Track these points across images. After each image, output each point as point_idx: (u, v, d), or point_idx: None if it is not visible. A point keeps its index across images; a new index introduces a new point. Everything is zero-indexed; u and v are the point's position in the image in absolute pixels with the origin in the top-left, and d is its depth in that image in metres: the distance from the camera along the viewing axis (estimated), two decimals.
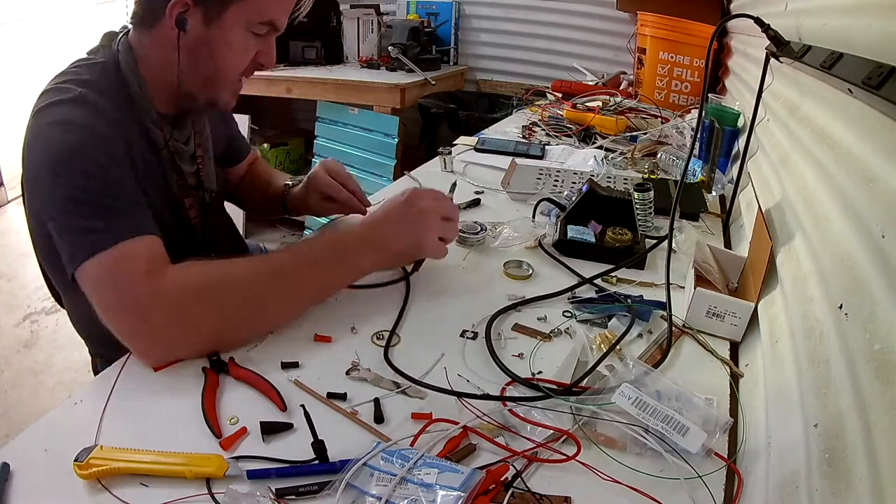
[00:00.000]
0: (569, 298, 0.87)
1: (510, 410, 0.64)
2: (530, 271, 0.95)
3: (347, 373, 0.70)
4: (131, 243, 0.69)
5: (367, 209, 1.05)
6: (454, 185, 1.18)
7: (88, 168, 0.71)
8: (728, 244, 1.11)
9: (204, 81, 0.85)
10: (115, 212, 0.71)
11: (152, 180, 0.84)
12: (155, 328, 0.68)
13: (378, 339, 0.77)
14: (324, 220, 1.13)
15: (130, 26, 0.85)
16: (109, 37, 0.87)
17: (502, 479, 0.55)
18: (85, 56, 0.86)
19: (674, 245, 0.96)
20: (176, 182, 0.91)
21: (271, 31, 0.85)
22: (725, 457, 0.60)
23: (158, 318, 0.67)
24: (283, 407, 0.64)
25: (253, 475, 0.55)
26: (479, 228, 1.05)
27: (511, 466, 0.56)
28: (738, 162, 1.14)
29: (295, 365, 0.71)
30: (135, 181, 0.77)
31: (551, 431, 0.61)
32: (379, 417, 0.63)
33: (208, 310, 0.69)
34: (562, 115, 1.86)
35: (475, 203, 1.22)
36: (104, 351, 1.01)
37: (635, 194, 1.05)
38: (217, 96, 0.87)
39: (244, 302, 0.72)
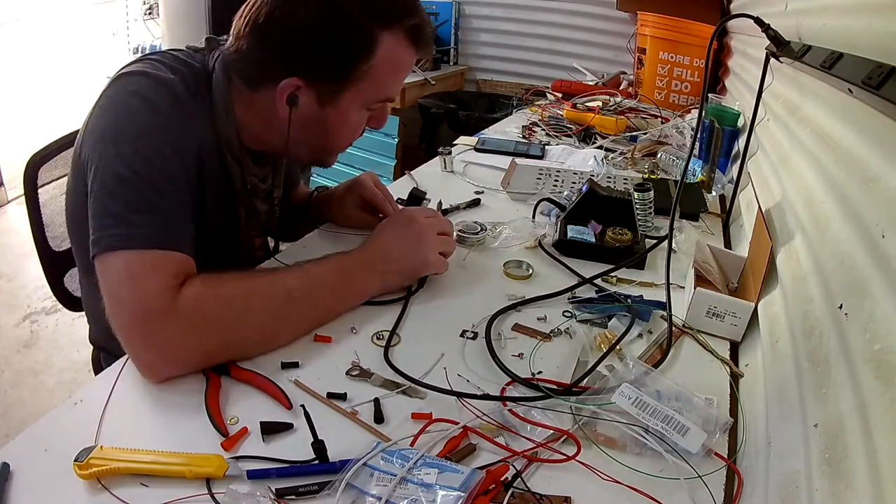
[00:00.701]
0: (569, 298, 0.87)
1: (510, 410, 0.64)
2: (530, 271, 0.95)
3: (347, 373, 0.70)
4: (165, 254, 0.67)
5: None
6: (440, 203, 1.16)
7: (153, 157, 0.69)
8: (728, 244, 1.11)
9: (312, 150, 0.86)
10: (161, 214, 0.68)
11: (218, 210, 0.82)
12: (162, 344, 0.65)
13: (378, 339, 0.77)
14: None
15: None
16: (210, 46, 0.82)
17: (502, 479, 0.55)
18: (185, 50, 0.82)
19: (674, 245, 0.96)
20: (244, 218, 0.89)
21: (386, 102, 0.84)
22: (725, 457, 0.60)
23: (168, 334, 0.65)
24: (288, 405, 0.64)
25: (253, 475, 0.55)
26: (479, 228, 1.05)
27: (511, 466, 0.56)
28: (738, 162, 1.14)
29: (295, 365, 0.71)
30: (191, 194, 0.75)
31: (551, 431, 0.61)
32: (379, 417, 0.63)
33: (219, 335, 0.68)
34: (562, 115, 1.86)
35: (475, 203, 1.22)
36: (107, 340, 0.91)
37: (635, 194, 1.05)
38: (324, 160, 0.89)
39: (255, 329, 0.70)
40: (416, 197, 1.03)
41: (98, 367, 1.07)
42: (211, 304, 0.68)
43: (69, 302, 1.18)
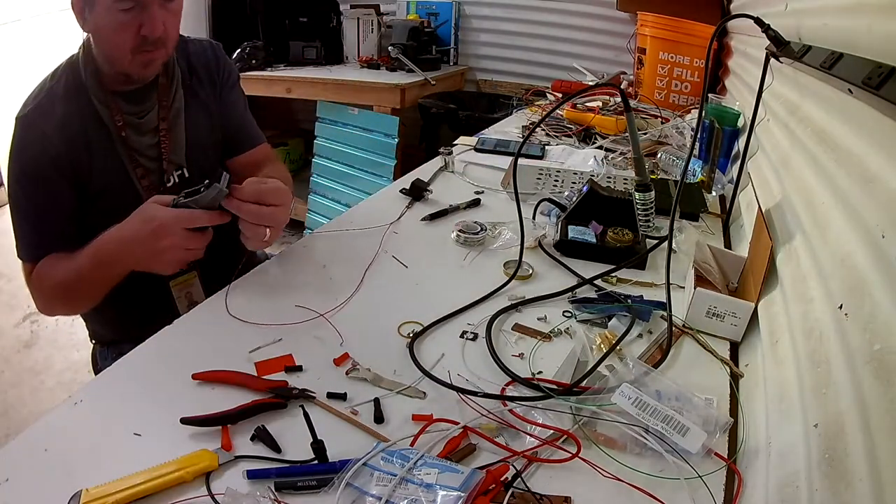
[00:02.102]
0: (569, 298, 0.87)
1: (510, 410, 0.64)
2: (530, 271, 0.95)
3: (347, 373, 0.70)
4: (32, 263, 0.98)
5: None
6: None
7: (20, 176, 0.95)
8: (728, 244, 1.11)
9: (107, 61, 0.95)
10: (29, 224, 0.97)
11: (102, 153, 0.97)
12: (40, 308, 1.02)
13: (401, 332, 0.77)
14: (322, 220, 1.10)
15: None
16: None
17: (502, 479, 0.55)
18: (60, 66, 1.00)
19: (674, 245, 0.96)
20: (126, 153, 0.99)
21: (136, 4, 0.89)
22: (725, 457, 0.60)
23: (37, 303, 1.01)
24: (261, 387, 0.67)
25: (253, 475, 0.55)
26: (479, 228, 1.05)
27: (511, 466, 0.56)
28: (738, 162, 1.14)
29: (298, 369, 0.71)
30: (70, 177, 0.95)
31: (551, 431, 0.61)
32: (379, 417, 0.63)
33: (46, 298, 1.00)
34: (562, 115, 1.86)
35: (475, 203, 1.22)
36: (100, 329, 1.16)
37: (636, 194, 1.05)
38: (125, 71, 0.95)
39: (69, 302, 1.02)
40: (418, 188, 1.03)
41: (95, 363, 1.18)
42: (42, 283, 0.97)
43: None
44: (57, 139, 0.93)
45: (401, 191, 1.05)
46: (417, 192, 1.04)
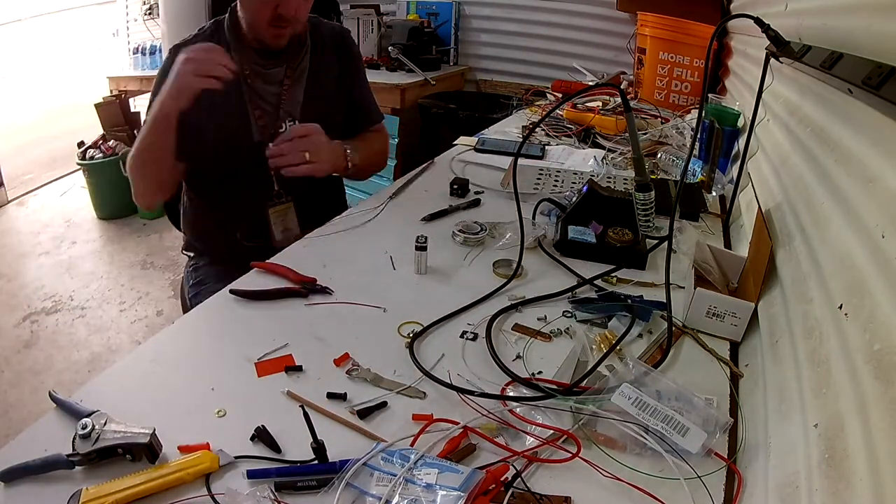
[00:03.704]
0: (569, 298, 0.87)
1: (510, 411, 0.64)
2: (520, 271, 0.95)
3: (347, 373, 0.70)
4: None
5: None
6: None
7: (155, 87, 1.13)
8: (728, 244, 1.11)
9: (248, 28, 1.16)
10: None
11: (228, 93, 1.10)
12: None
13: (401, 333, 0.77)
14: (360, 196, 1.25)
15: None
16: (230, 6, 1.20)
17: (502, 479, 0.55)
18: (205, 24, 1.22)
19: (674, 245, 0.96)
20: (248, 94, 1.19)
21: None
22: (725, 457, 0.60)
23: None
24: (303, 279, 0.87)
25: (253, 475, 0.55)
26: (479, 228, 1.05)
27: (511, 466, 0.56)
28: (738, 162, 1.14)
29: (298, 369, 0.71)
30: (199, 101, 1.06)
31: (551, 431, 0.61)
32: (377, 417, 0.63)
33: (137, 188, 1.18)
34: (562, 116, 1.86)
35: (475, 203, 1.22)
36: (197, 243, 1.35)
37: (636, 194, 1.05)
38: (261, 37, 1.16)
39: (134, 175, 1.17)
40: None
41: (182, 284, 1.37)
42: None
43: (176, 221, 1.48)
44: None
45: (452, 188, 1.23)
46: (464, 189, 1.25)
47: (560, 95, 2.16)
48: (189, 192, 1.31)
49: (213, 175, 1.22)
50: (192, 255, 1.37)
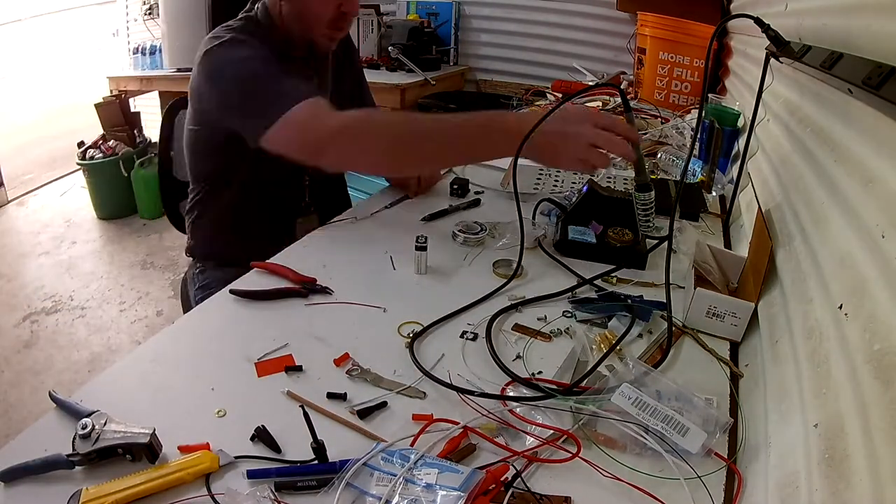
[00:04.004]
0: (569, 298, 0.87)
1: (510, 411, 0.64)
2: (520, 271, 0.95)
3: (347, 373, 0.70)
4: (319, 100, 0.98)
5: (414, 197, 1.23)
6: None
7: (259, 68, 1.02)
8: (728, 244, 1.11)
9: (300, 28, 1.10)
10: (288, 85, 0.99)
11: None
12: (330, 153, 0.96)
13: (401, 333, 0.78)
14: (361, 196, 1.32)
15: None
16: (253, 2, 1.15)
17: (502, 479, 0.55)
18: (231, 21, 1.13)
19: (674, 245, 0.96)
20: None
21: None
22: (725, 457, 0.60)
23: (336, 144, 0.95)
24: (303, 279, 0.87)
25: (253, 475, 0.55)
26: (479, 228, 1.05)
27: (511, 466, 0.56)
28: (738, 162, 1.14)
29: (298, 369, 0.71)
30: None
31: (551, 431, 0.61)
32: (377, 416, 0.63)
33: (363, 142, 0.95)
34: None
35: (475, 203, 1.22)
36: (202, 248, 1.31)
37: (636, 194, 1.05)
38: (314, 39, 1.12)
39: (388, 145, 0.96)
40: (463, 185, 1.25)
41: (184, 285, 1.36)
42: (355, 118, 0.98)
43: (178, 224, 1.53)
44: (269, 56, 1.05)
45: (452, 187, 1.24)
46: (464, 189, 1.25)
47: (560, 95, 2.16)
48: (211, 198, 1.26)
49: (249, 185, 1.19)
50: (196, 258, 1.35)
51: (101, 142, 3.29)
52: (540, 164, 0.95)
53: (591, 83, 2.37)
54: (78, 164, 3.24)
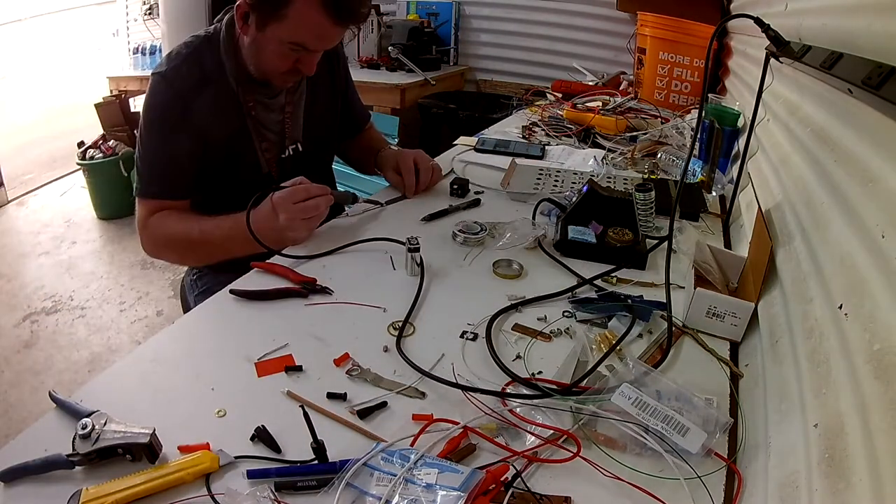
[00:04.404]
0: (569, 298, 0.87)
1: (510, 410, 0.64)
2: (520, 270, 0.95)
3: (347, 373, 0.70)
4: (152, 202, 1.11)
5: (419, 193, 1.25)
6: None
7: (150, 128, 1.08)
8: (728, 244, 1.11)
9: (257, 69, 1.09)
10: (157, 171, 1.10)
11: (231, 122, 1.12)
12: (144, 247, 1.14)
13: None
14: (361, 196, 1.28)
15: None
16: (224, 12, 1.12)
17: (502, 479, 0.55)
18: (192, 38, 1.12)
19: (674, 245, 0.96)
20: (253, 128, 1.15)
21: (304, 50, 1.03)
22: (725, 457, 0.60)
23: (146, 245, 1.14)
24: (300, 279, 0.88)
25: (253, 475, 0.55)
26: (479, 229, 1.05)
27: (511, 466, 0.56)
28: (738, 162, 1.14)
29: (298, 369, 0.71)
30: (198, 135, 1.08)
31: (552, 431, 0.61)
32: (376, 416, 0.63)
33: (159, 249, 1.15)
34: (562, 116, 1.86)
35: (475, 203, 1.22)
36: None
37: (637, 194, 1.05)
38: (270, 80, 1.11)
39: (173, 251, 1.16)
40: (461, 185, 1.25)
41: (183, 290, 1.38)
42: (160, 233, 1.11)
43: None
44: (192, 100, 1.07)
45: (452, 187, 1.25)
46: (463, 188, 1.26)
47: (560, 95, 2.16)
48: (196, 206, 1.23)
49: (220, 208, 1.15)
50: (192, 269, 1.34)
51: (101, 142, 3.29)
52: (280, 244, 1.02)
53: (591, 83, 2.37)
54: (78, 164, 3.24)
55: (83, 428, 0.56)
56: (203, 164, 1.12)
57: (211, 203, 1.16)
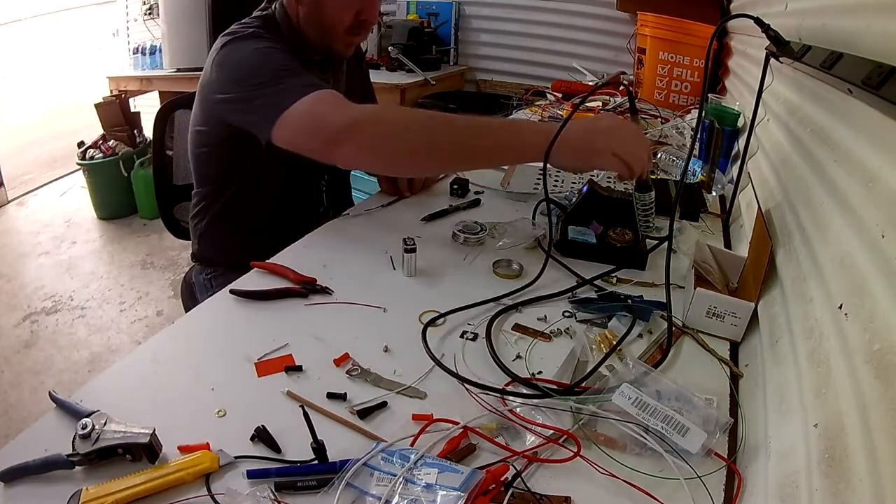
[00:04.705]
0: (569, 299, 0.87)
1: (510, 410, 0.64)
2: (520, 270, 0.95)
3: (348, 373, 0.70)
4: (322, 94, 0.94)
5: (415, 193, 1.22)
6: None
7: (274, 56, 1.00)
8: (728, 244, 1.11)
9: (318, 33, 1.09)
10: (304, 77, 0.97)
11: None
12: (345, 148, 0.91)
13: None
14: (361, 196, 1.34)
15: None
16: (269, 1, 1.14)
17: (502, 479, 0.55)
18: (248, 19, 1.11)
19: (674, 245, 0.96)
20: None
21: None
22: (725, 457, 0.60)
23: (354, 138, 0.90)
24: (300, 279, 0.87)
25: (253, 475, 0.55)
26: (479, 228, 1.05)
27: (511, 466, 0.56)
28: (738, 162, 1.14)
29: (298, 369, 0.71)
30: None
31: (552, 431, 0.61)
32: (376, 416, 0.63)
33: (382, 138, 0.91)
34: (562, 115, 1.86)
35: (475, 203, 1.22)
36: (207, 253, 1.28)
37: (636, 195, 1.05)
38: (332, 44, 1.10)
39: (412, 140, 0.91)
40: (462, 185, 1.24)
41: (184, 290, 1.36)
42: (376, 112, 0.99)
43: (174, 228, 1.53)
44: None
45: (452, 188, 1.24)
46: (464, 189, 1.25)
47: (560, 95, 2.16)
48: (221, 203, 1.22)
49: (261, 189, 1.16)
50: (205, 264, 1.31)
51: (101, 142, 3.29)
52: (572, 168, 0.94)
53: (591, 83, 2.37)
54: (78, 164, 3.24)
55: (83, 428, 0.56)
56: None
57: (248, 189, 1.15)
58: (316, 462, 0.57)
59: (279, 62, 0.98)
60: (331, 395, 0.66)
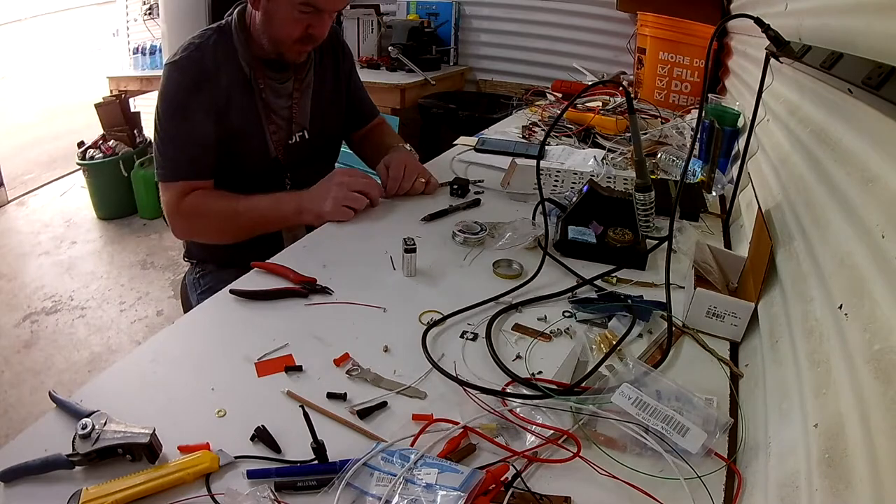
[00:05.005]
0: (569, 299, 0.87)
1: (511, 411, 0.64)
2: (520, 270, 0.95)
3: (348, 373, 0.70)
4: (182, 184, 1.13)
5: (390, 195, 1.25)
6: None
7: (168, 114, 1.11)
8: (728, 244, 1.11)
9: (269, 42, 1.13)
10: (177, 154, 1.13)
11: (242, 105, 1.16)
12: (175, 231, 1.20)
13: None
14: None
15: None
16: (234, 6, 1.19)
17: (502, 479, 0.55)
18: (206, 29, 1.17)
19: (674, 245, 0.96)
20: (263, 110, 1.20)
21: (315, 10, 1.08)
22: (725, 457, 0.60)
23: (177, 226, 1.19)
24: (300, 280, 0.88)
25: (253, 475, 0.55)
26: (479, 229, 1.05)
27: (511, 466, 0.56)
28: (738, 162, 1.14)
29: (298, 369, 0.71)
30: (213, 117, 1.12)
31: (552, 431, 0.61)
32: (376, 417, 0.63)
33: (195, 228, 1.20)
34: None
35: (475, 203, 1.22)
36: (199, 252, 1.36)
37: (636, 195, 1.05)
38: (282, 53, 1.14)
39: (212, 229, 1.19)
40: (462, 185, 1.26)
41: (183, 290, 1.39)
42: (193, 208, 1.14)
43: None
44: (205, 84, 1.11)
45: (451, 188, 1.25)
46: (464, 187, 1.26)
47: (560, 95, 2.16)
48: None
49: (236, 187, 1.19)
50: (195, 262, 1.36)
51: (101, 142, 3.29)
52: (319, 222, 1.10)
53: (591, 83, 2.37)
54: (78, 164, 3.24)
55: (83, 428, 0.56)
56: (217, 146, 1.15)
57: (219, 187, 1.19)
58: (316, 462, 0.57)
59: (175, 119, 1.11)
60: (331, 395, 0.66)
